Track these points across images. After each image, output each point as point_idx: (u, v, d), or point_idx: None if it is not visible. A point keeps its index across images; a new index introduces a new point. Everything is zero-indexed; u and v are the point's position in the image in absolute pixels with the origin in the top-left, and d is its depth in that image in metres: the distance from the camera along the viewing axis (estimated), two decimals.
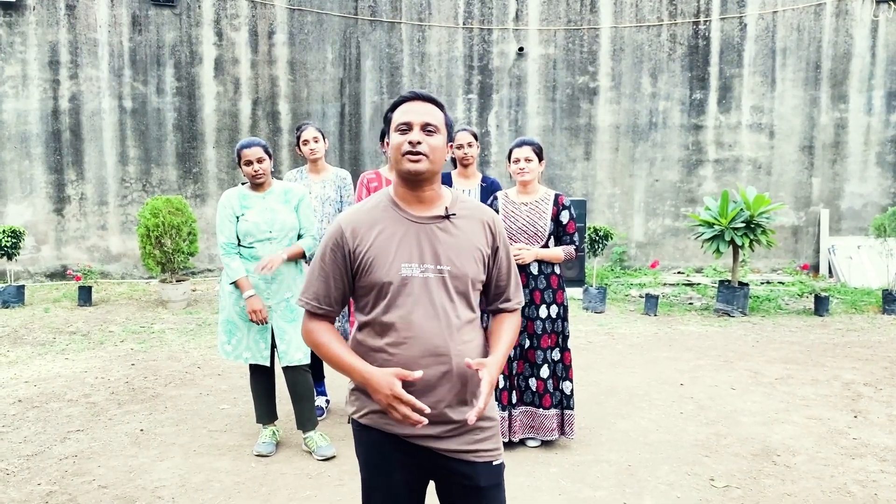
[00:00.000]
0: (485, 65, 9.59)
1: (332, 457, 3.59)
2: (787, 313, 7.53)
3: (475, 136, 4.16)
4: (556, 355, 3.73)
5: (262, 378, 3.75)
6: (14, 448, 3.74)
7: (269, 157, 3.61)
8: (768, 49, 9.60)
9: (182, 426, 4.09)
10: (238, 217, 3.57)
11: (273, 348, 3.68)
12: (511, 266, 1.94)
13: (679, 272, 9.78)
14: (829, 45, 9.59)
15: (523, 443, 3.78)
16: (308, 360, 3.67)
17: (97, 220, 9.28)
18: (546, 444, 3.78)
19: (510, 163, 3.78)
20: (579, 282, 8.11)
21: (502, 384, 3.70)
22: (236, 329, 3.63)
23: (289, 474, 3.43)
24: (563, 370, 3.74)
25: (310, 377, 3.73)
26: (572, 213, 3.79)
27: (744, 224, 7.13)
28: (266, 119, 9.44)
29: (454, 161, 4.19)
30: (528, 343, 3.70)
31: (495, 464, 1.83)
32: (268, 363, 3.67)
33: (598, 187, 9.80)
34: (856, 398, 4.62)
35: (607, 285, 8.61)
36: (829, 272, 9.54)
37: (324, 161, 4.36)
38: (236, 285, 3.54)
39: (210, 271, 9.50)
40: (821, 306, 7.42)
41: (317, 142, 4.26)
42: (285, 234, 3.60)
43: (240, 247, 3.59)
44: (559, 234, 3.77)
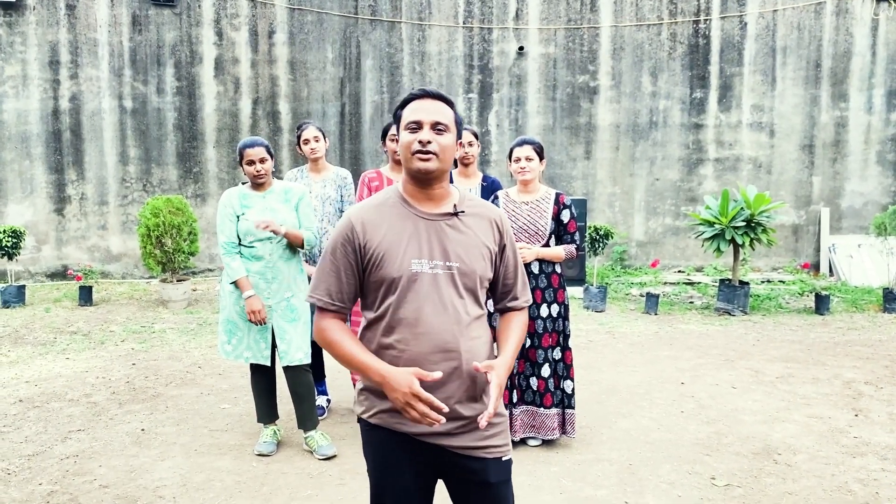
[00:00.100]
0: (485, 64, 9.58)
1: (333, 456, 3.59)
2: (788, 312, 7.53)
3: (476, 135, 4.17)
4: (557, 354, 3.73)
5: (262, 377, 3.75)
6: (15, 448, 3.74)
7: (271, 156, 3.63)
8: (768, 48, 9.59)
9: (183, 426, 4.09)
10: (238, 216, 3.57)
11: (274, 348, 3.68)
12: (518, 264, 1.94)
13: (680, 271, 9.77)
14: (829, 43, 9.59)
15: (524, 442, 3.78)
16: (309, 360, 3.68)
17: (98, 219, 9.28)
18: (547, 444, 3.79)
19: (511, 162, 3.78)
20: (580, 281, 8.12)
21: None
22: (237, 329, 3.63)
23: (290, 474, 3.43)
24: (564, 369, 3.74)
25: (310, 377, 3.73)
26: (573, 212, 3.79)
27: (744, 223, 7.12)
28: (266, 118, 9.44)
29: (455, 160, 4.18)
30: (529, 342, 3.70)
31: (504, 459, 1.84)
32: (268, 363, 3.67)
33: (598, 186, 9.79)
34: (857, 397, 4.62)
35: (608, 284, 8.61)
36: (830, 271, 9.54)
37: (324, 160, 4.36)
38: (236, 285, 3.55)
39: (210, 271, 9.50)
40: (821, 305, 7.42)
41: (317, 141, 4.26)
42: None
43: (240, 246, 3.59)
44: (560, 233, 3.77)
